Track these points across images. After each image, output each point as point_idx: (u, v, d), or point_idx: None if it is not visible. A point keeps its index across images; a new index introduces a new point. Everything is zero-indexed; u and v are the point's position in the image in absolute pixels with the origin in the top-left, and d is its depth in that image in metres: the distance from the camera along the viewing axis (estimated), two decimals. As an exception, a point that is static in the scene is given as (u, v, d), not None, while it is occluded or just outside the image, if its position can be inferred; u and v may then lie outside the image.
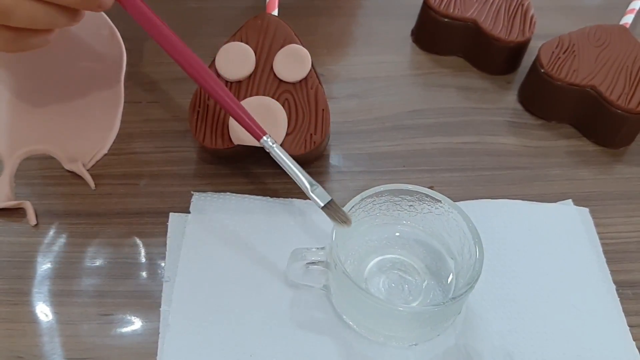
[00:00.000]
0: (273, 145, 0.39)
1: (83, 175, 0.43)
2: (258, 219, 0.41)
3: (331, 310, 0.38)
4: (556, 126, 0.49)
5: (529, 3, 0.52)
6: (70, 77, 0.49)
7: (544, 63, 0.47)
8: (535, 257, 0.40)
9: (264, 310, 0.37)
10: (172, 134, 0.47)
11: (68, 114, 0.47)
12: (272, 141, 0.39)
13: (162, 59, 0.51)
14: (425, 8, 0.52)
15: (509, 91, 0.51)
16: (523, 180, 0.45)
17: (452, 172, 0.45)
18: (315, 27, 0.55)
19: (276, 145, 0.39)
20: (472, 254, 0.35)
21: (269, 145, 0.39)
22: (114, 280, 0.39)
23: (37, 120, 0.46)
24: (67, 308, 0.38)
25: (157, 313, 0.37)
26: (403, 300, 0.37)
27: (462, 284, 0.34)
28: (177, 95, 0.49)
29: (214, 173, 0.44)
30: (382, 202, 0.38)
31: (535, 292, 0.39)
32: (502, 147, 0.47)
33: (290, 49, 0.42)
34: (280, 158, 0.39)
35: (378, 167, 0.46)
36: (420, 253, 0.39)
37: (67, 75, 0.49)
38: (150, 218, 0.42)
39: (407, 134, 0.48)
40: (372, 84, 0.51)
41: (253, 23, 0.43)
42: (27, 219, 0.41)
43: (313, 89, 0.42)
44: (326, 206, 0.37)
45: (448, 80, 0.52)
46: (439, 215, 0.38)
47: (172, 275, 0.39)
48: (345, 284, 0.35)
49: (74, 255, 0.40)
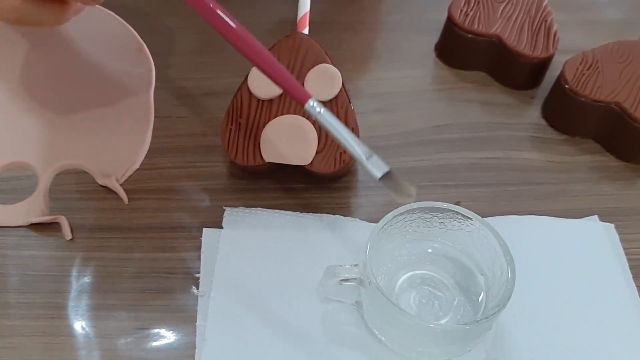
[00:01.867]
0: (320, 111, 0.35)
1: (116, 190, 0.44)
2: (289, 234, 0.42)
3: (363, 325, 0.38)
4: (580, 141, 0.49)
5: (552, 19, 0.52)
6: (101, 93, 0.50)
7: (568, 79, 0.48)
8: (563, 273, 0.41)
9: (297, 325, 0.38)
10: (202, 149, 0.47)
11: (100, 129, 0.48)
12: (319, 106, 0.35)
13: (191, 74, 0.53)
14: (449, 24, 0.52)
15: (533, 106, 0.52)
16: (548, 195, 0.46)
17: (478, 188, 0.46)
18: (339, 42, 0.56)
19: (324, 109, 0.35)
20: (503, 272, 0.36)
21: (315, 111, 0.35)
22: (148, 294, 0.40)
23: (70, 136, 0.47)
24: (103, 322, 0.39)
25: (193, 327, 0.38)
26: (433, 316, 0.38)
27: (494, 302, 0.35)
28: (206, 110, 0.50)
29: (244, 188, 0.45)
30: (414, 219, 0.39)
31: (562, 309, 0.39)
32: (527, 163, 0.48)
33: (322, 69, 0.43)
34: (329, 124, 0.35)
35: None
36: (450, 269, 0.39)
37: (98, 90, 0.50)
38: (183, 232, 0.43)
39: (433, 149, 0.48)
40: (396, 99, 0.52)
41: (285, 42, 0.44)
42: (63, 234, 0.42)
43: (343, 108, 0.43)
44: (385, 177, 0.34)
45: (472, 95, 0.52)
46: (469, 233, 0.38)
47: (206, 290, 0.39)
48: (379, 301, 0.35)
49: (108, 269, 0.41)
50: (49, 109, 0.48)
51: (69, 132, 0.47)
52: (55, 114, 0.48)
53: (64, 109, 0.49)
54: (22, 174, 0.46)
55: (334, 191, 0.45)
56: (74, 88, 0.50)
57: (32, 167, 0.46)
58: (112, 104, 0.49)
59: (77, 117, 0.48)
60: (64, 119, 0.48)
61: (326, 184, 0.46)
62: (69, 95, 0.49)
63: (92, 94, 0.50)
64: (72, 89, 0.50)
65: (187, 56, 0.54)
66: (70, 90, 0.50)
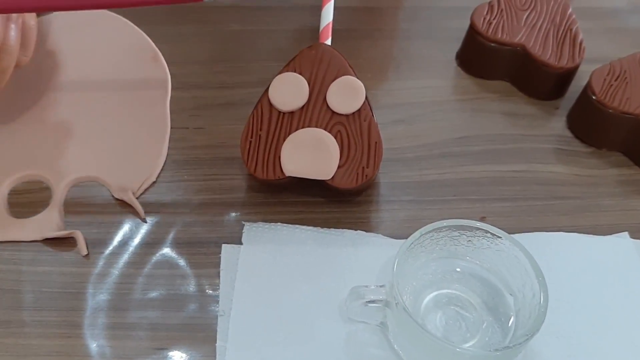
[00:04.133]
0: None
1: (133, 204, 0.43)
2: (310, 251, 0.41)
3: (388, 347, 0.37)
4: (607, 154, 0.48)
5: (577, 27, 0.51)
6: (116, 103, 0.49)
7: (596, 90, 0.46)
8: (593, 292, 0.39)
9: (321, 346, 0.37)
10: (220, 161, 0.46)
11: (115, 140, 0.47)
12: None
13: (207, 83, 0.52)
14: (472, 32, 0.51)
15: (557, 117, 0.50)
16: (575, 210, 0.44)
17: (503, 202, 0.45)
18: (359, 50, 0.54)
19: None
20: (535, 293, 0.35)
21: None
22: (166, 312, 0.39)
23: (84, 147, 0.46)
24: (121, 342, 0.38)
25: (212, 348, 0.37)
26: (460, 338, 0.36)
27: (527, 327, 0.34)
28: (223, 121, 0.49)
29: (263, 202, 0.44)
30: (441, 237, 0.37)
31: (594, 329, 0.38)
32: (553, 176, 0.46)
33: (344, 81, 0.42)
34: None
35: (427, 195, 0.45)
36: (477, 288, 0.38)
37: (113, 100, 0.49)
38: (201, 248, 0.42)
39: (456, 161, 0.47)
40: (417, 110, 0.50)
41: (307, 53, 0.43)
42: (78, 249, 0.41)
43: (366, 121, 0.41)
44: None
45: (495, 105, 0.51)
46: (498, 252, 0.37)
47: (226, 309, 0.38)
48: (406, 323, 0.34)
49: (125, 286, 0.40)
50: (61, 120, 0.47)
51: (84, 144, 0.46)
52: (68, 125, 0.47)
53: (78, 119, 0.48)
54: (36, 186, 0.45)
55: (354, 205, 0.44)
56: (88, 98, 0.49)
57: (46, 180, 0.45)
58: (128, 115, 0.48)
59: (92, 128, 0.47)
60: (78, 130, 0.47)
61: (346, 198, 0.44)
62: (83, 105, 0.48)
63: (106, 104, 0.49)
64: (85, 99, 0.49)
65: (203, 65, 0.53)
66: (84, 101, 0.49)
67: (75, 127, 0.47)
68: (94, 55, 0.51)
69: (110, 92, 0.49)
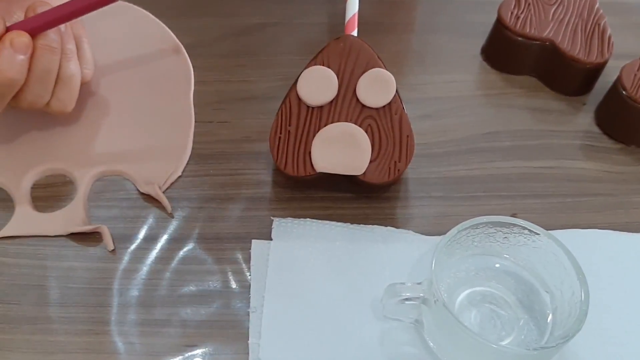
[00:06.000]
0: None
1: (159, 198, 0.42)
2: (340, 247, 0.40)
3: (422, 345, 0.36)
4: (636, 150, 0.47)
5: (605, 22, 0.50)
6: (139, 96, 0.48)
7: (626, 86, 0.46)
8: (630, 290, 0.39)
9: (355, 344, 0.36)
10: (245, 156, 0.45)
11: (139, 134, 0.46)
12: None
13: (231, 76, 0.51)
14: (499, 26, 0.50)
15: (585, 113, 0.50)
16: (607, 207, 0.44)
17: (534, 199, 0.44)
18: (383, 45, 0.53)
19: None
20: (575, 291, 0.34)
21: None
22: (196, 308, 0.38)
23: (107, 140, 0.45)
24: (150, 339, 0.37)
25: (244, 345, 0.36)
26: (496, 336, 0.36)
27: (567, 325, 0.33)
28: (248, 114, 0.48)
29: (290, 197, 0.43)
30: (477, 233, 0.37)
31: (632, 329, 0.37)
32: (583, 173, 0.46)
33: (374, 73, 0.41)
34: None
35: (456, 192, 0.44)
36: (511, 286, 0.38)
37: (136, 93, 0.48)
38: (229, 243, 0.41)
39: (484, 157, 0.46)
40: (444, 104, 0.50)
41: (335, 45, 0.42)
42: (104, 244, 0.41)
43: (397, 114, 0.41)
44: None
45: (522, 101, 0.50)
46: (535, 248, 0.37)
47: (257, 306, 0.38)
48: (444, 320, 0.33)
49: (153, 282, 0.39)
50: (84, 113, 0.47)
51: (107, 137, 0.46)
52: (91, 118, 0.46)
53: (101, 112, 0.47)
54: (59, 180, 0.44)
55: (383, 201, 0.44)
56: (110, 91, 0.48)
57: (70, 174, 0.44)
58: (151, 108, 0.47)
59: (114, 121, 0.46)
60: (101, 123, 0.46)
61: (375, 194, 0.44)
62: (106, 98, 0.48)
63: (129, 97, 0.48)
64: (108, 91, 0.48)
65: (226, 58, 0.52)
66: (107, 94, 0.48)
67: (98, 120, 0.46)
68: (115, 47, 0.51)
69: (133, 85, 0.48)
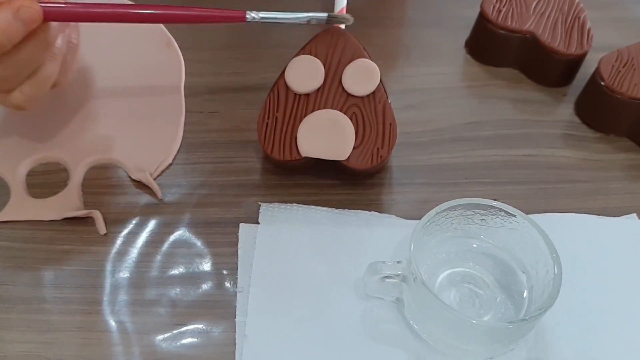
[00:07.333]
0: (261, 16, 0.42)
1: (150, 185, 0.44)
2: (325, 230, 0.42)
3: (404, 323, 0.38)
4: (614, 139, 0.49)
5: (585, 16, 0.52)
6: (131, 87, 0.50)
7: (604, 76, 0.47)
8: (604, 271, 0.40)
9: (337, 322, 0.38)
10: (235, 144, 0.47)
11: (131, 123, 0.47)
12: (256, 13, 0.42)
13: (221, 68, 0.52)
14: (482, 20, 0.52)
15: (565, 104, 0.51)
16: (585, 193, 0.45)
17: (514, 185, 0.46)
18: (369, 38, 0.55)
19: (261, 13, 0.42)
20: (549, 270, 0.35)
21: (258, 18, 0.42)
22: (185, 289, 0.40)
23: (100, 130, 0.47)
24: (140, 317, 0.38)
25: (231, 323, 0.38)
26: (475, 314, 0.37)
27: (540, 301, 0.34)
28: (237, 105, 0.49)
29: (278, 184, 0.45)
30: (455, 215, 0.38)
31: (605, 308, 0.39)
32: (562, 160, 0.47)
33: (359, 63, 0.43)
34: (274, 18, 0.42)
35: (439, 179, 0.46)
36: (490, 267, 0.39)
37: (128, 85, 0.50)
38: (219, 228, 0.42)
39: (466, 146, 0.48)
40: (428, 95, 0.51)
41: (323, 37, 0.44)
42: (97, 228, 0.42)
43: (381, 103, 0.42)
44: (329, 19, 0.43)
45: (504, 92, 0.52)
46: (512, 230, 0.38)
47: (245, 286, 0.39)
48: (423, 297, 0.35)
49: (144, 264, 0.41)
50: (78, 103, 0.48)
51: (100, 127, 0.47)
52: (85, 109, 0.48)
53: (95, 103, 0.48)
54: (54, 168, 0.45)
55: (368, 187, 0.45)
56: (104, 82, 0.49)
57: (64, 162, 0.45)
58: (143, 99, 0.49)
59: (108, 111, 0.48)
60: (95, 113, 0.48)
61: (360, 181, 0.45)
62: (100, 89, 0.49)
63: (122, 89, 0.49)
64: (101, 83, 0.49)
65: (217, 51, 0.53)
66: (100, 84, 0.49)
67: (92, 110, 0.48)
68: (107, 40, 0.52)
69: (126, 77, 0.50)
